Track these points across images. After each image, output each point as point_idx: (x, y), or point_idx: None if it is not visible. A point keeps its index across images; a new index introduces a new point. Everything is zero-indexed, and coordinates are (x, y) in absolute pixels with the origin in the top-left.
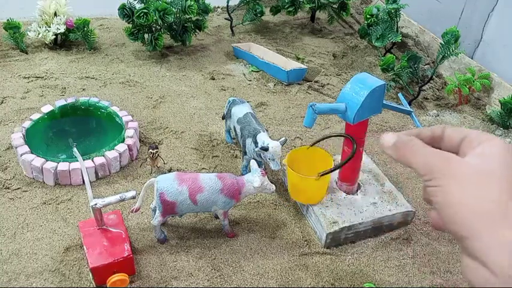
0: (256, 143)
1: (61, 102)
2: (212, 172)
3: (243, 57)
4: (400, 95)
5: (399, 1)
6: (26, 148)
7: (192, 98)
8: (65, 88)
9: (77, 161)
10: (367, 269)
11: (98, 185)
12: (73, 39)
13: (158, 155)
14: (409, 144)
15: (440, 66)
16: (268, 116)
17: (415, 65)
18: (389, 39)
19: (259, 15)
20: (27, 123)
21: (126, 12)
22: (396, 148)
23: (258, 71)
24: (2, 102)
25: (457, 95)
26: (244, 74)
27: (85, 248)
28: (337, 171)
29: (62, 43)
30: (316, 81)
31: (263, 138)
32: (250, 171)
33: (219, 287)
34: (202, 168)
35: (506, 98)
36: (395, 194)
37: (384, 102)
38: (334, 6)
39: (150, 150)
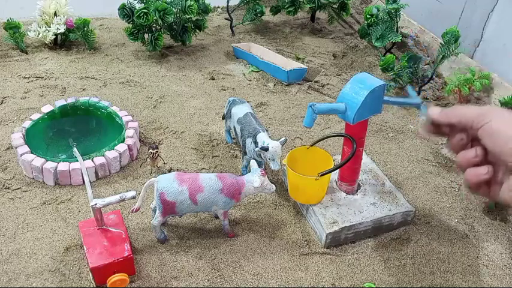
0: (256, 143)
1: (61, 102)
2: (212, 172)
3: (243, 57)
4: (409, 87)
5: (399, 1)
6: (26, 148)
7: (192, 98)
8: (65, 88)
9: (77, 161)
10: (367, 269)
11: (98, 185)
12: (73, 39)
13: (158, 155)
14: (457, 106)
15: (440, 66)
16: (268, 116)
17: (415, 65)
18: (389, 39)
19: (259, 15)
20: (27, 123)
21: (126, 12)
22: (447, 111)
23: (258, 71)
24: (2, 102)
25: (457, 95)
26: (244, 74)
27: (85, 248)
28: (337, 171)
29: (62, 43)
30: (316, 81)
31: (263, 138)
32: (250, 171)
33: (219, 287)
34: (202, 168)
35: (506, 98)
36: (395, 194)
37: (387, 99)
38: (334, 6)
39: (150, 150)
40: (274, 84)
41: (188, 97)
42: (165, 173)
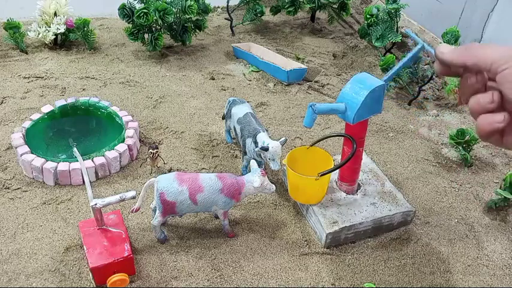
0: (256, 143)
1: (61, 102)
2: (212, 172)
3: (243, 57)
4: (407, 30)
5: (399, 1)
6: (26, 148)
7: (192, 98)
8: (65, 88)
9: (77, 161)
10: (367, 269)
11: (98, 185)
12: (73, 39)
13: (158, 155)
14: (472, 45)
15: None
16: (268, 116)
17: (415, 65)
18: (389, 39)
19: (259, 15)
20: (27, 123)
21: (126, 12)
22: (461, 49)
23: (258, 71)
24: (2, 102)
25: (457, 95)
26: (244, 74)
27: (85, 248)
28: (337, 171)
29: (62, 43)
30: (316, 81)
31: (263, 138)
32: (250, 171)
33: (219, 287)
34: (202, 168)
35: None
36: (395, 194)
37: (389, 74)
38: (334, 6)
39: (150, 150)
40: (274, 84)
41: (188, 97)
42: (165, 173)
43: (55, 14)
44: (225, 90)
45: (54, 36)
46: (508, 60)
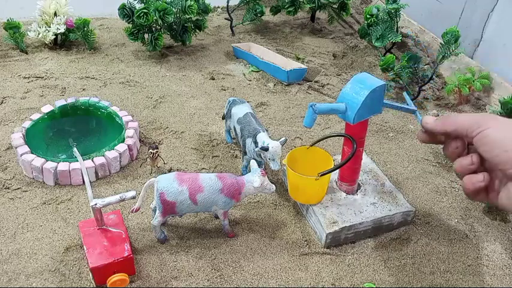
0: (256, 143)
1: (61, 102)
2: (212, 172)
3: (243, 57)
4: (405, 93)
5: (399, 1)
6: (26, 148)
7: (192, 98)
8: (65, 88)
9: (77, 161)
10: (367, 269)
11: (98, 185)
12: (73, 39)
13: (158, 155)
14: (451, 115)
15: (440, 66)
16: (268, 116)
17: (415, 65)
18: (389, 39)
19: (259, 15)
20: (27, 123)
21: (126, 12)
22: (441, 119)
23: (258, 71)
24: (2, 102)
25: (457, 95)
26: (244, 74)
27: (85, 248)
28: (337, 171)
29: (62, 43)
30: (316, 81)
31: (263, 138)
32: (250, 171)
33: (219, 287)
34: (202, 168)
35: (506, 98)
36: (395, 194)
37: (386, 101)
38: (334, 6)
39: (150, 150)
40: (274, 84)
41: (188, 97)
42: (165, 173)
43: (55, 14)
44: (225, 90)
45: (54, 36)
46: (480, 125)
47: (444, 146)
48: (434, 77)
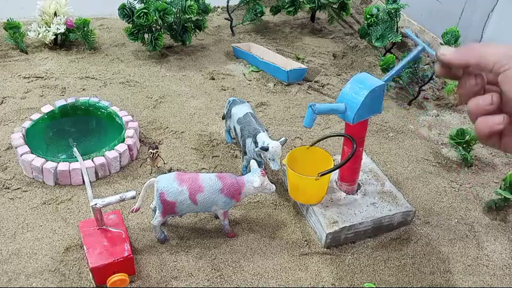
0: (256, 143)
1: (61, 102)
2: (212, 172)
3: (243, 57)
4: (407, 30)
5: (399, 1)
6: (26, 148)
7: (192, 98)
8: (65, 88)
9: (77, 161)
10: (367, 269)
11: (98, 185)
12: (73, 39)
13: (158, 155)
14: (475, 45)
15: None
16: (268, 116)
17: (415, 65)
18: (389, 39)
19: (259, 15)
20: (27, 123)
21: (126, 12)
22: (463, 50)
23: (258, 71)
24: (2, 102)
25: (457, 95)
26: (244, 74)
27: (85, 248)
28: (337, 171)
29: (62, 43)
30: (316, 81)
31: (263, 138)
32: (250, 171)
33: (219, 287)
34: (202, 168)
35: None
36: (396, 194)
37: (389, 75)
38: (334, 6)
39: (150, 150)
40: (274, 84)
41: (188, 97)
42: (165, 173)
43: (55, 14)
44: (225, 90)
45: (54, 36)
46: (510, 60)
47: (459, 83)
48: (434, 77)
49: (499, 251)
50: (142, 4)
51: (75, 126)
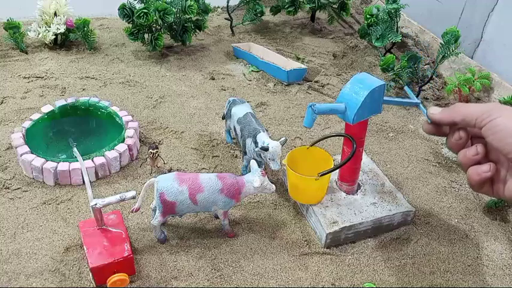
0: (256, 143)
1: (61, 102)
2: (212, 172)
3: (243, 57)
4: (406, 87)
5: (399, 1)
6: (26, 148)
7: (192, 98)
8: (65, 88)
9: (77, 161)
10: (367, 269)
11: (98, 185)
12: (73, 39)
13: (158, 155)
14: (458, 104)
15: (440, 66)
16: (268, 116)
17: (415, 65)
18: (389, 39)
19: (259, 15)
20: (27, 123)
21: (126, 12)
22: (449, 110)
23: (258, 71)
24: (2, 102)
25: (457, 95)
26: (244, 74)
27: (85, 248)
28: (337, 171)
29: (62, 43)
30: (316, 81)
31: (263, 138)
32: (250, 171)
33: (219, 287)
34: (202, 168)
35: (506, 98)
36: (396, 194)
37: (387, 98)
38: (334, 6)
39: (150, 150)
40: (274, 84)
41: (188, 97)
42: (165, 173)
43: (55, 14)
44: (225, 90)
45: (54, 36)
46: (490, 114)
47: (447, 137)
48: (434, 77)
49: (499, 251)
50: (142, 4)
51: (75, 126)
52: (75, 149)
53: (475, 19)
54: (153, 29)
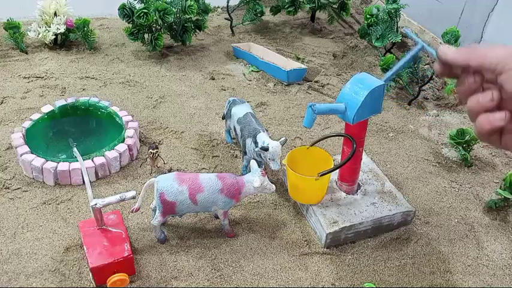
0: (256, 143)
1: (61, 102)
2: (212, 172)
3: (243, 57)
4: (406, 30)
5: (399, 1)
6: (26, 148)
7: (192, 98)
8: (65, 88)
9: (77, 161)
10: (367, 269)
11: (98, 185)
12: (73, 39)
13: (158, 155)
14: (477, 47)
15: None
16: (268, 116)
17: (415, 65)
18: (389, 39)
19: (259, 15)
20: (27, 123)
21: (126, 12)
22: (466, 52)
23: (258, 71)
24: (2, 102)
25: (457, 94)
26: (244, 74)
27: (85, 248)
28: (337, 171)
29: (62, 43)
30: (316, 81)
31: (263, 138)
32: (250, 171)
33: (219, 287)
34: (202, 168)
35: None
36: (396, 194)
37: (388, 75)
38: (334, 6)
39: (150, 150)
40: (274, 84)
41: (188, 97)
42: (165, 173)
43: (55, 14)
44: (225, 90)
45: (54, 36)
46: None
47: (458, 81)
48: (434, 77)
49: (499, 251)
50: (142, 4)
51: (75, 126)
52: (75, 149)
53: (475, 19)
54: (153, 29)
